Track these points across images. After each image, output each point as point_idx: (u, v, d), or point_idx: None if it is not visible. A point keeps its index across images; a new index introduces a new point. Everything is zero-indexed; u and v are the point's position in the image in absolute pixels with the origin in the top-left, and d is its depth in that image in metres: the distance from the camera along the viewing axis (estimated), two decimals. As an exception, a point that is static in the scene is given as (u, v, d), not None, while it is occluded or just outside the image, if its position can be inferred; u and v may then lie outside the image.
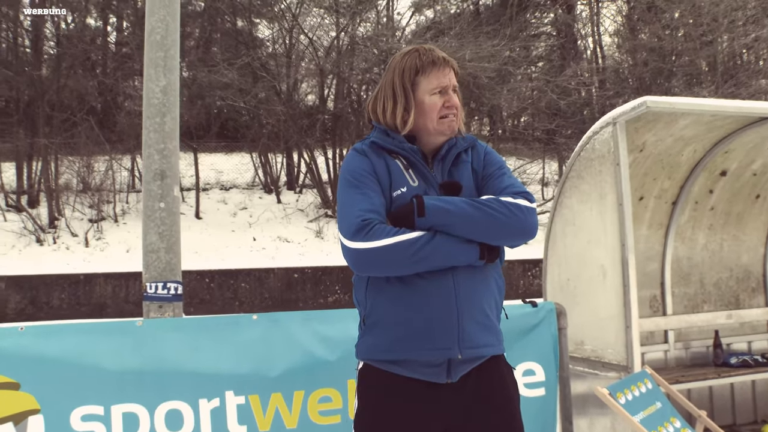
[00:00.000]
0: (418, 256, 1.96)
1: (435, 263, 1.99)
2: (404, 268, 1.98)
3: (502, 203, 2.04)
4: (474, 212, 2.00)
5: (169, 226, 4.66)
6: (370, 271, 2.03)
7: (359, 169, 2.11)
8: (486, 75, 14.61)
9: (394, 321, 2.03)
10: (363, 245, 1.96)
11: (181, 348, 3.09)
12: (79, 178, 14.52)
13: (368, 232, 1.96)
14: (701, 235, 5.53)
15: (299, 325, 3.26)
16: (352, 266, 2.02)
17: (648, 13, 18.18)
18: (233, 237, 13.95)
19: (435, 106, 2.16)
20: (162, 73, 4.81)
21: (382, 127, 2.21)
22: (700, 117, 4.26)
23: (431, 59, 2.17)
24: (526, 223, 2.05)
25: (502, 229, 2.03)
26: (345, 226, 2.02)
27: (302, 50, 17.21)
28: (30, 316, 10.18)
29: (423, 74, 2.17)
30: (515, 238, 2.08)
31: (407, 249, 1.95)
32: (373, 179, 2.10)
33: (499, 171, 2.21)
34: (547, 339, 3.65)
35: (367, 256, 1.97)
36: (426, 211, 1.99)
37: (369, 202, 2.04)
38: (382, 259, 1.96)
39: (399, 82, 2.19)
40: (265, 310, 10.83)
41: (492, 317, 2.13)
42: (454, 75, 2.22)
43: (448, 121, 2.17)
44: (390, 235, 1.96)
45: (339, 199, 2.12)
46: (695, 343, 5.44)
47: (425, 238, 1.98)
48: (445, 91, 2.18)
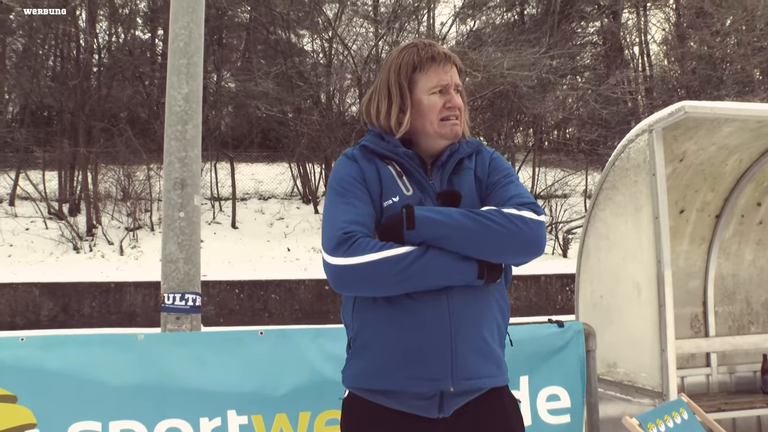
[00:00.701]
0: (405, 273, 1.75)
1: (426, 282, 1.77)
2: (390, 287, 1.77)
3: (504, 215, 1.81)
4: (471, 225, 1.77)
5: (188, 235, 4.59)
6: (352, 289, 1.83)
7: (346, 176, 1.92)
8: (526, 84, 14.30)
9: (381, 346, 1.83)
10: (344, 261, 1.76)
11: (182, 363, 2.98)
12: (119, 186, 14.75)
13: (350, 246, 1.76)
14: (748, 250, 5.18)
15: (308, 342, 3.11)
16: (332, 284, 1.82)
17: (697, 19, 17.62)
18: (268, 247, 13.93)
19: (434, 106, 1.96)
20: (185, 80, 4.76)
21: (376, 130, 2.01)
22: (746, 123, 3.95)
23: (430, 54, 1.96)
24: (530, 238, 1.81)
25: (503, 245, 1.80)
26: (326, 239, 1.83)
27: (341, 60, 17.20)
28: (62, 323, 10.30)
29: (421, 71, 1.97)
30: (518, 255, 1.84)
31: (394, 266, 1.75)
32: (362, 187, 1.90)
33: (504, 179, 1.97)
34: (573, 362, 3.40)
35: (348, 273, 1.76)
36: (416, 222, 1.77)
37: (354, 212, 1.84)
38: (365, 276, 1.76)
39: (395, 80, 1.99)
40: (294, 321, 10.74)
41: (492, 344, 1.87)
42: (458, 73, 2.01)
43: (450, 124, 1.96)
44: (374, 249, 1.76)
45: (324, 211, 1.94)
46: (741, 367, 5.09)
47: (415, 253, 1.77)
48: (446, 90, 1.97)
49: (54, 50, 17.13)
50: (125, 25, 18.30)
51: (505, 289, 1.97)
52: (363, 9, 19.97)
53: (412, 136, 1.99)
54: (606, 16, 21.55)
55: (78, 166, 15.04)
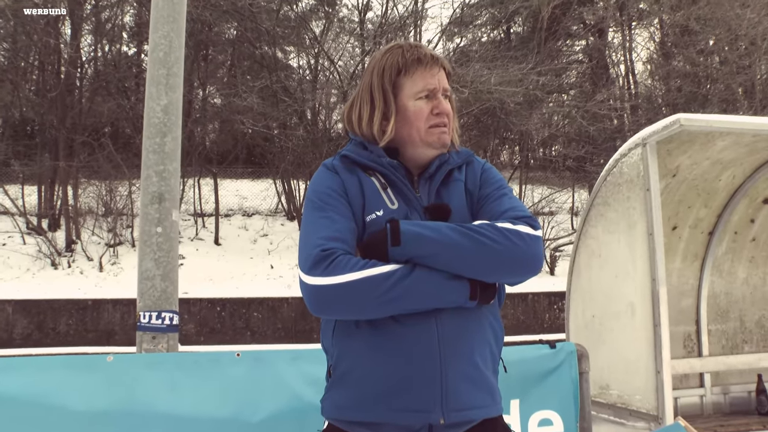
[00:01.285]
0: (390, 295, 1.58)
1: (412, 305, 1.60)
2: (373, 310, 1.60)
3: (498, 230, 1.64)
4: (463, 241, 1.61)
5: (166, 252, 4.43)
6: (331, 312, 1.66)
7: (325, 188, 1.75)
8: (513, 100, 14.27)
9: (364, 374, 1.65)
10: (322, 281, 1.59)
11: (154, 387, 2.81)
12: (101, 201, 14.49)
13: (329, 265, 1.59)
14: (741, 268, 5.08)
15: (287, 365, 2.96)
16: (309, 306, 1.64)
17: (682, 38, 17.74)
18: (251, 264, 13.70)
19: (421, 112, 1.80)
20: (164, 91, 4.62)
21: (358, 139, 1.85)
22: (741, 137, 3.85)
23: (416, 56, 1.80)
24: (527, 255, 1.65)
25: (497, 263, 1.63)
26: (302, 256, 1.66)
27: (327, 76, 17.13)
28: (36, 341, 9.97)
29: (406, 74, 1.81)
30: (514, 274, 1.68)
31: (377, 286, 1.57)
32: (342, 200, 1.73)
33: (497, 191, 1.81)
34: (566, 384, 3.27)
35: (327, 294, 1.59)
36: (402, 238, 1.61)
37: (333, 228, 1.67)
38: (345, 298, 1.58)
39: (378, 84, 1.83)
40: (277, 340, 10.50)
41: (486, 371, 1.70)
42: (446, 77, 1.85)
43: (438, 132, 1.80)
44: (356, 268, 1.59)
45: (301, 226, 1.77)
46: (735, 387, 4.97)
47: (400, 272, 1.60)
48: (433, 94, 1.81)
49: (35, 62, 16.93)
50: (109, 38, 18.16)
51: (498, 311, 1.81)
52: (349, 25, 19.97)
53: (398, 145, 1.83)
54: (592, 34, 21.69)
55: (58, 181, 14.79)
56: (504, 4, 19.33)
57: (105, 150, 14.75)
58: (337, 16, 19.48)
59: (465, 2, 19.23)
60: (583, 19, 21.22)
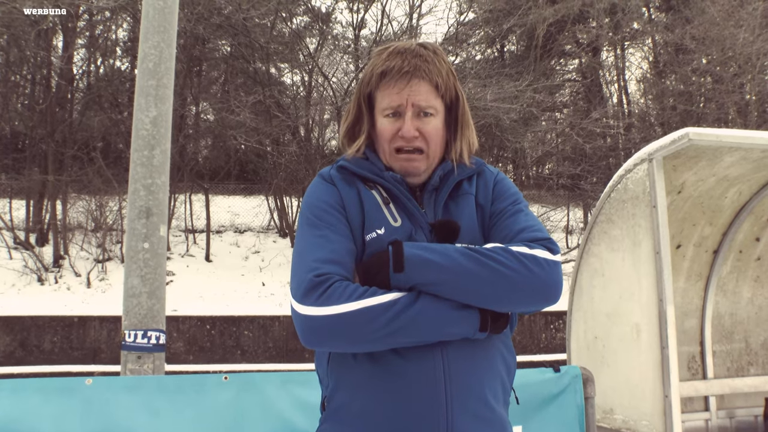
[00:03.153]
0: (390, 328, 1.40)
1: (415, 338, 1.43)
2: (371, 344, 1.43)
3: (512, 255, 1.47)
4: (474, 267, 1.43)
5: (153, 268, 4.30)
6: (324, 345, 1.48)
7: (320, 202, 1.58)
8: (509, 117, 14.21)
9: (361, 411, 1.48)
10: (315, 311, 1.41)
11: (135, 413, 2.66)
12: (90, 216, 14.30)
13: (323, 293, 1.42)
14: (746, 288, 4.94)
15: (276, 389, 2.81)
16: (301, 338, 1.47)
17: (676, 57, 17.78)
18: (242, 281, 13.49)
19: (384, 132, 1.61)
20: (153, 102, 4.51)
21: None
22: (749, 153, 3.73)
23: (381, 70, 1.59)
24: (545, 284, 1.48)
25: (511, 292, 1.46)
26: (295, 282, 1.48)
27: (321, 92, 17.05)
28: (19, 359, 9.69)
29: (377, 87, 1.62)
30: (530, 304, 1.50)
31: (376, 318, 1.40)
32: (339, 216, 1.56)
33: (512, 207, 1.63)
34: (571, 410, 3.12)
35: (320, 325, 1.41)
36: (406, 264, 1.43)
37: (328, 248, 1.49)
38: (340, 331, 1.41)
39: (357, 92, 1.67)
40: (268, 360, 10.27)
41: (496, 406, 1.53)
42: (431, 89, 1.60)
43: (402, 158, 1.60)
44: (352, 298, 1.41)
45: (294, 246, 1.59)
46: (741, 411, 4.82)
47: (403, 302, 1.42)
48: (398, 113, 1.60)
49: (27, 75, 16.81)
50: (102, 53, 18.07)
51: (510, 340, 1.64)
52: (343, 42, 19.95)
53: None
54: (586, 53, 21.75)
55: (47, 195, 14.59)
56: (498, 22, 19.35)
57: (95, 164, 14.58)
58: (331, 33, 19.46)
59: (459, 20, 19.27)
60: (577, 38, 21.29)
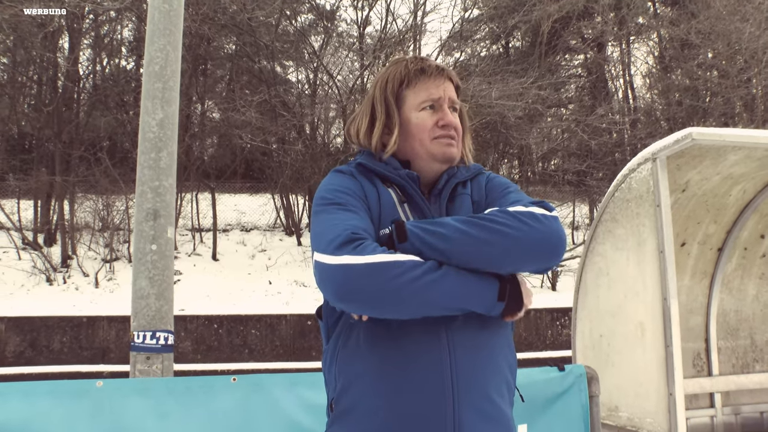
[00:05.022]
0: (419, 283, 1.41)
1: (440, 300, 1.43)
2: (401, 301, 1.42)
3: (509, 214, 1.50)
4: (472, 230, 1.46)
5: (160, 270, 4.32)
6: (354, 297, 1.43)
7: (343, 188, 1.62)
8: (514, 114, 14.19)
9: (368, 412, 1.51)
10: (351, 260, 1.41)
11: (144, 414, 2.69)
12: (97, 216, 14.36)
13: (359, 246, 1.43)
14: (751, 285, 4.95)
15: (283, 390, 2.83)
16: (331, 289, 1.44)
17: (682, 52, 17.71)
18: (249, 280, 13.53)
19: (424, 124, 1.69)
20: (159, 105, 4.52)
21: (368, 150, 1.75)
22: (753, 152, 3.73)
23: (420, 67, 1.72)
24: (547, 236, 1.49)
25: (515, 249, 1.47)
26: (326, 239, 1.48)
27: (326, 90, 17.07)
28: (29, 359, 9.78)
29: (410, 86, 1.72)
30: (536, 260, 1.51)
31: (409, 272, 1.41)
32: (362, 205, 1.60)
33: (504, 191, 1.70)
34: (575, 408, 3.14)
35: (355, 274, 1.40)
36: (408, 234, 1.47)
37: (358, 220, 1.53)
38: (374, 280, 1.40)
39: (380, 96, 1.73)
40: (275, 358, 10.32)
41: (502, 404, 1.57)
42: (455, 90, 1.75)
43: (443, 143, 1.69)
44: (386, 252, 1.43)
45: (314, 222, 1.59)
46: (746, 408, 4.82)
47: (430, 264, 1.44)
48: (438, 105, 1.71)
49: (33, 77, 16.89)
50: (108, 53, 18.12)
51: (512, 340, 1.68)
52: (348, 40, 19.95)
53: (409, 159, 1.73)
54: (591, 48, 21.69)
55: (55, 195, 14.67)
56: (503, 18, 19.33)
57: (102, 165, 14.65)
58: (336, 31, 19.48)
59: (464, 17, 19.25)
60: (582, 33, 21.23)
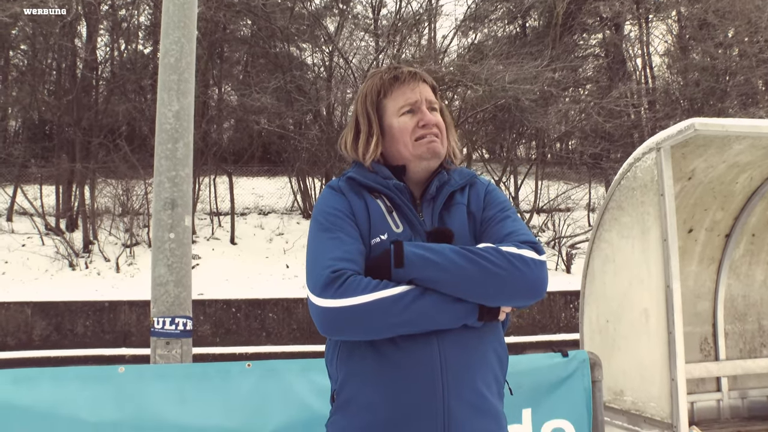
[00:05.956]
0: (402, 317, 1.57)
1: (424, 326, 1.60)
2: (385, 331, 1.60)
3: (502, 254, 1.62)
4: (466, 265, 1.59)
5: (179, 257, 4.45)
6: (342, 335, 1.65)
7: (333, 209, 1.75)
8: (527, 98, 14.13)
9: (366, 403, 1.65)
10: (333, 303, 1.58)
11: (165, 398, 2.83)
12: (117, 201, 14.59)
13: (340, 286, 1.58)
14: (759, 270, 4.99)
15: (296, 375, 2.96)
16: (320, 328, 1.64)
17: (700, 31, 17.48)
18: (267, 264, 13.69)
19: (406, 128, 1.82)
20: (175, 97, 4.63)
21: (358, 161, 1.88)
22: (758, 141, 3.78)
23: (393, 75, 1.84)
24: (532, 281, 1.63)
25: (500, 288, 1.61)
26: (312, 278, 1.65)
27: (342, 74, 17.07)
28: (55, 343, 10.09)
29: (387, 95, 1.85)
30: (517, 299, 1.65)
31: (389, 308, 1.57)
32: (350, 222, 1.73)
33: (501, 213, 1.80)
34: (579, 393, 3.24)
35: (338, 316, 1.58)
36: (405, 261, 1.60)
37: (342, 249, 1.66)
38: (357, 321, 1.57)
39: (362, 110, 1.87)
40: (293, 341, 10.52)
41: (490, 397, 1.68)
42: (431, 91, 1.87)
43: (426, 142, 1.80)
44: (367, 290, 1.58)
45: (308, 246, 1.76)
46: (753, 392, 4.89)
47: (412, 294, 1.59)
48: (416, 108, 1.83)
49: (53, 64, 17.07)
50: (126, 38, 18.24)
51: (502, 334, 1.79)
52: (364, 22, 19.90)
53: (401, 164, 1.84)
54: (608, 28, 21.43)
55: (75, 181, 14.91)
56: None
57: (121, 151, 14.85)
58: (351, 13, 19.43)
59: (479, -3, 19.11)
60: (599, 12, 20.97)
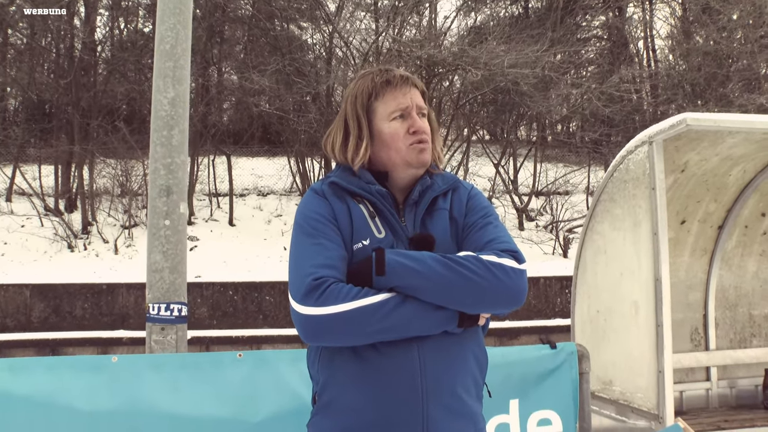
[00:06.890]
0: (383, 324, 1.59)
1: (404, 332, 1.62)
2: (366, 338, 1.62)
3: (482, 263, 1.64)
4: (447, 273, 1.61)
5: (174, 244, 4.48)
6: (324, 341, 1.67)
7: (315, 214, 1.75)
8: (526, 82, 14.06)
9: (347, 406, 1.67)
10: (314, 311, 1.59)
11: (158, 387, 2.87)
12: (116, 182, 14.59)
13: (322, 294, 1.60)
14: (751, 262, 5.03)
15: (288, 365, 2.99)
16: (302, 335, 1.66)
17: (703, 15, 17.35)
18: (264, 246, 13.73)
19: (397, 133, 1.81)
20: (171, 84, 4.63)
21: (346, 165, 1.86)
22: (751, 135, 3.79)
23: (386, 79, 1.82)
24: (511, 290, 1.65)
25: (480, 297, 1.63)
26: (294, 285, 1.67)
27: (342, 55, 16.98)
28: (53, 325, 10.17)
29: (378, 98, 1.82)
30: (496, 307, 1.68)
31: (370, 316, 1.59)
32: (333, 227, 1.73)
33: (483, 220, 1.81)
34: (566, 385, 3.29)
35: (319, 324, 1.59)
36: (387, 268, 1.61)
37: (324, 255, 1.67)
38: (338, 328, 1.59)
39: (351, 111, 1.84)
40: (289, 324, 10.58)
41: (468, 400, 1.71)
42: (421, 96, 1.86)
43: (417, 149, 1.80)
44: (348, 298, 1.59)
45: (291, 251, 1.77)
46: (742, 381, 4.95)
47: (393, 302, 1.61)
48: (407, 113, 1.82)
49: (51, 45, 16.98)
50: (125, 17, 18.11)
51: (482, 338, 1.82)
52: (364, 3, 19.73)
53: (386, 169, 1.84)
54: (611, 10, 21.27)
55: (74, 162, 14.90)
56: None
57: (120, 132, 14.82)
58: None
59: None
60: (602, -6, 20.79)
